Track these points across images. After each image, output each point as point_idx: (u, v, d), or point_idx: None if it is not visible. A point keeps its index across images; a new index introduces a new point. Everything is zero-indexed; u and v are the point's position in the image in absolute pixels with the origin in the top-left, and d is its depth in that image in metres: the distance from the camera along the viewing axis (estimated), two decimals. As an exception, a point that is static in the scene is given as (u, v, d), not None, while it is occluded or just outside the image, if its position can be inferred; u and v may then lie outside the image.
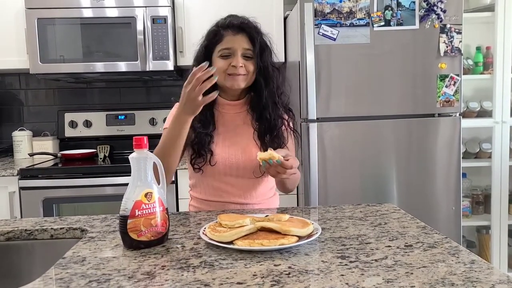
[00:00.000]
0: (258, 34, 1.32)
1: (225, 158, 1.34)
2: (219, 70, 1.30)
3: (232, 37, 1.30)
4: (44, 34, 2.34)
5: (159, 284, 0.74)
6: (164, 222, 0.96)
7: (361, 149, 2.13)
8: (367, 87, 2.12)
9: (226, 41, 1.30)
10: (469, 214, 2.64)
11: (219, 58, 1.31)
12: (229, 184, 1.36)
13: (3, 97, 2.78)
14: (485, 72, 2.60)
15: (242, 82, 1.32)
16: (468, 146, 2.65)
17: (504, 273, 0.75)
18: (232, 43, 1.30)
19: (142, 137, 0.96)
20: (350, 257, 0.84)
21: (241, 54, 1.30)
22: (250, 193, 1.38)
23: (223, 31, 1.31)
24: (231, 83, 1.31)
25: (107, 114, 2.70)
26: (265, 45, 1.34)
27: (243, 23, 1.32)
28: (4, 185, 2.13)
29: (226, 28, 1.32)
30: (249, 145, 1.36)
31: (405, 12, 2.09)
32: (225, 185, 1.36)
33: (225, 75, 1.31)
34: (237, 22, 1.32)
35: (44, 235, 1.11)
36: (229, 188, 1.36)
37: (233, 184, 1.36)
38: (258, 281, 0.74)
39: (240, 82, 1.31)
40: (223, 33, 1.31)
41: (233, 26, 1.31)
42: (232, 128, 1.38)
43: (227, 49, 1.30)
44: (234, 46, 1.30)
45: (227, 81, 1.31)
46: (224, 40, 1.31)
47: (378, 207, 1.25)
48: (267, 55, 1.33)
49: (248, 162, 1.34)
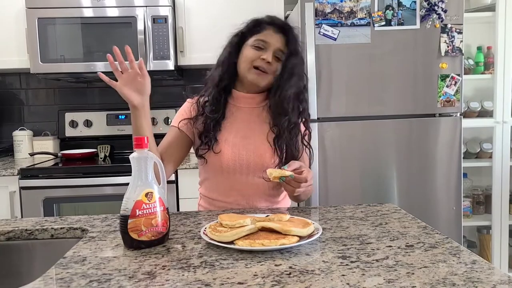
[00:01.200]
0: (295, 41, 1.32)
1: (236, 153, 1.31)
2: (246, 59, 1.30)
3: (272, 33, 1.30)
4: (45, 33, 2.34)
5: (159, 284, 0.74)
6: (164, 222, 0.96)
7: (362, 149, 2.13)
8: (367, 87, 2.11)
9: (264, 34, 1.30)
10: (470, 214, 2.64)
11: (250, 48, 1.30)
12: (237, 183, 1.33)
13: (4, 96, 2.78)
14: (486, 72, 2.59)
15: (264, 80, 1.31)
16: (469, 146, 2.65)
17: (505, 273, 0.75)
18: (270, 38, 1.29)
19: (142, 137, 0.96)
20: (351, 257, 0.84)
21: (274, 51, 1.29)
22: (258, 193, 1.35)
23: (265, 24, 1.31)
24: (253, 77, 1.30)
25: (108, 113, 2.70)
26: (297, 53, 1.32)
27: (287, 24, 1.32)
28: (4, 185, 2.13)
29: (269, 23, 1.32)
30: (262, 144, 1.33)
31: (406, 12, 2.09)
32: (233, 184, 1.33)
33: (251, 66, 1.29)
34: (282, 22, 1.33)
35: (45, 234, 1.11)
36: (238, 186, 1.33)
37: (242, 184, 1.33)
38: (259, 281, 0.74)
39: (262, 79, 1.30)
40: (265, 25, 1.31)
41: (277, 25, 1.31)
42: (246, 123, 1.36)
43: (262, 41, 1.29)
44: (271, 41, 1.29)
45: (251, 73, 1.30)
46: (263, 33, 1.30)
47: (379, 207, 1.25)
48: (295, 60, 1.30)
49: (258, 161, 1.31)
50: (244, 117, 1.36)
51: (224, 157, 1.31)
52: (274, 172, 1.14)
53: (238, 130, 1.34)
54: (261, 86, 1.32)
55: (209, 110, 1.31)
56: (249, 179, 1.33)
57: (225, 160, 1.31)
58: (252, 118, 1.36)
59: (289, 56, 1.30)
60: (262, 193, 1.36)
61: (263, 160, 1.32)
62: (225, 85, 1.33)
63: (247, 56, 1.29)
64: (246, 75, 1.30)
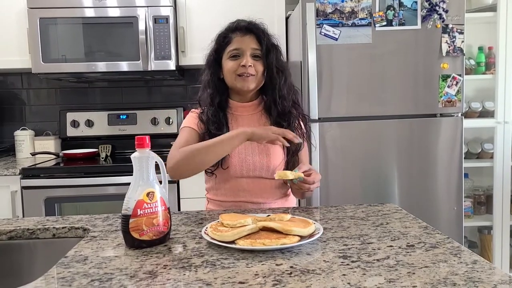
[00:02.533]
0: (265, 35, 1.33)
1: (242, 160, 1.34)
2: (228, 71, 1.32)
3: (240, 38, 1.32)
4: (46, 33, 2.34)
5: (161, 283, 0.74)
6: (166, 221, 0.96)
7: (363, 149, 2.13)
8: (368, 87, 2.11)
9: (234, 42, 1.32)
10: (471, 214, 2.63)
11: (228, 60, 1.32)
12: (244, 184, 1.36)
13: (5, 96, 2.78)
14: (487, 72, 2.59)
15: (252, 83, 1.33)
16: (470, 146, 2.65)
17: (506, 273, 0.75)
18: (241, 44, 1.31)
19: (144, 137, 0.96)
20: (352, 257, 0.84)
21: (250, 54, 1.31)
22: (266, 192, 1.37)
23: (231, 34, 1.33)
24: (241, 84, 1.32)
25: (109, 113, 2.71)
26: (272, 46, 1.34)
27: (251, 23, 1.34)
28: (6, 184, 2.14)
29: (234, 31, 1.33)
30: (265, 145, 1.35)
31: (407, 12, 2.09)
32: (241, 186, 1.36)
33: (235, 76, 1.32)
34: (245, 23, 1.34)
35: (46, 234, 1.11)
36: (245, 186, 1.36)
37: (249, 184, 1.36)
38: (260, 281, 0.74)
39: (250, 83, 1.32)
40: (232, 35, 1.33)
41: (241, 28, 1.33)
42: None
43: (236, 50, 1.31)
44: (242, 46, 1.31)
45: (238, 82, 1.32)
46: (233, 42, 1.32)
47: (379, 207, 1.25)
48: (274, 55, 1.33)
49: (264, 163, 1.34)
50: (245, 125, 1.38)
51: (231, 166, 1.34)
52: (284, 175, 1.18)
53: None
54: (251, 89, 1.34)
55: (214, 128, 1.33)
56: (256, 179, 1.36)
57: (233, 168, 1.34)
58: (252, 124, 1.39)
59: (267, 53, 1.32)
60: (270, 190, 1.38)
61: (268, 161, 1.35)
62: (218, 102, 1.36)
63: (228, 68, 1.32)
64: (234, 85, 1.34)
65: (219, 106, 1.36)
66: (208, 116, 1.35)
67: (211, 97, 1.36)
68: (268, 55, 1.32)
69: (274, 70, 1.33)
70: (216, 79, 1.37)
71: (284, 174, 1.18)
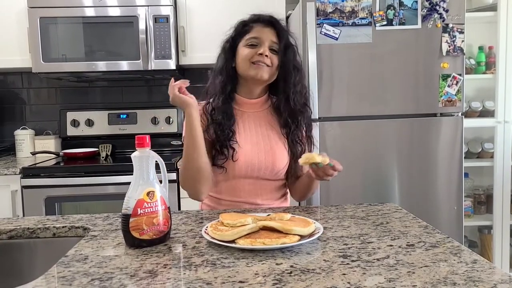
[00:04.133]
0: (286, 32, 1.32)
1: (248, 158, 1.32)
2: (243, 59, 1.29)
3: (261, 28, 1.31)
4: (47, 33, 2.34)
5: (161, 283, 0.74)
6: (166, 220, 0.96)
7: (363, 148, 2.13)
8: (369, 87, 2.11)
9: (254, 32, 1.31)
10: (471, 214, 2.63)
11: (244, 47, 1.30)
12: (247, 184, 1.34)
13: (6, 96, 2.78)
14: (487, 72, 2.59)
15: (266, 73, 1.30)
16: (470, 146, 2.65)
17: (506, 273, 0.75)
18: (261, 34, 1.30)
19: (144, 136, 0.96)
20: (352, 256, 0.84)
21: (268, 46, 1.29)
22: (265, 193, 1.37)
23: (252, 23, 1.32)
24: (255, 71, 1.28)
25: (109, 113, 2.71)
26: (291, 44, 1.33)
27: (273, 17, 1.33)
28: (6, 184, 2.14)
29: (255, 21, 1.32)
30: (271, 148, 1.34)
31: (407, 11, 2.09)
32: (241, 185, 1.34)
33: (250, 63, 1.29)
34: (267, 17, 1.33)
35: (47, 233, 1.11)
36: (247, 187, 1.35)
37: (250, 185, 1.35)
38: (260, 280, 0.74)
39: (264, 72, 1.29)
40: (252, 24, 1.32)
41: (263, 20, 1.32)
42: (254, 127, 1.36)
43: (254, 38, 1.30)
44: (262, 36, 1.30)
45: (251, 69, 1.29)
46: (253, 31, 1.31)
47: (380, 207, 1.25)
48: (291, 53, 1.32)
49: (269, 164, 1.33)
50: (251, 122, 1.37)
51: (237, 164, 1.31)
52: (311, 157, 1.16)
53: (247, 135, 1.35)
54: (265, 79, 1.30)
55: (222, 118, 1.30)
56: (258, 181, 1.35)
57: (238, 167, 1.32)
58: (259, 122, 1.37)
59: (285, 49, 1.31)
60: (269, 191, 1.38)
61: (273, 164, 1.33)
62: (229, 91, 1.34)
63: (244, 55, 1.29)
64: (247, 72, 1.30)
65: (229, 95, 1.34)
66: (218, 104, 1.31)
67: (222, 85, 1.32)
68: (285, 51, 1.31)
69: (290, 67, 1.31)
70: (230, 67, 1.33)
71: (311, 157, 1.15)
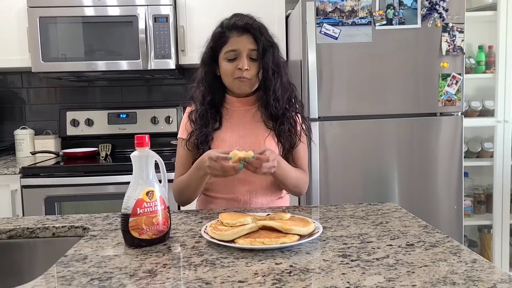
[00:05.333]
0: (261, 35, 1.32)
1: None
2: (226, 74, 1.33)
3: (237, 38, 1.30)
4: (46, 32, 2.34)
5: (160, 282, 0.74)
6: (165, 220, 0.96)
7: (363, 148, 2.13)
8: (368, 86, 2.11)
9: (231, 43, 1.30)
10: (471, 213, 2.64)
11: (225, 62, 1.32)
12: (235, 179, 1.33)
13: (5, 95, 2.78)
14: (487, 71, 2.59)
15: (248, 87, 1.34)
16: (470, 145, 2.65)
17: (505, 272, 0.75)
18: (238, 45, 1.30)
19: (143, 136, 0.96)
20: (352, 256, 0.84)
21: (247, 55, 1.30)
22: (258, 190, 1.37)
23: (228, 33, 1.31)
24: (238, 87, 1.33)
25: (109, 112, 2.70)
26: (269, 45, 1.32)
27: (248, 23, 1.31)
28: (6, 184, 2.14)
29: (231, 30, 1.31)
30: (257, 142, 1.35)
31: (407, 11, 2.08)
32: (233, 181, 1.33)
33: (232, 79, 1.32)
34: (242, 23, 1.31)
35: (46, 233, 1.11)
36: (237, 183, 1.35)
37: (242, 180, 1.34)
38: (260, 280, 0.74)
39: (247, 87, 1.34)
40: (228, 34, 1.31)
41: (238, 27, 1.31)
42: (241, 124, 1.38)
43: (232, 51, 1.30)
44: (239, 47, 1.30)
45: (234, 85, 1.33)
46: (230, 42, 1.31)
47: (379, 206, 1.25)
48: (270, 55, 1.32)
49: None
50: (239, 119, 1.39)
51: None
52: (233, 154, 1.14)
53: (234, 130, 1.38)
54: (247, 92, 1.36)
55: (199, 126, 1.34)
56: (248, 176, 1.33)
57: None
58: (246, 119, 1.39)
59: (264, 53, 1.31)
60: (260, 188, 1.37)
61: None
62: (209, 100, 1.36)
63: (225, 71, 1.32)
64: (231, 87, 1.35)
65: (211, 103, 1.36)
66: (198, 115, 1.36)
67: (202, 95, 1.36)
68: (264, 56, 1.31)
69: (269, 72, 1.32)
70: (211, 78, 1.36)
71: (234, 154, 1.14)
